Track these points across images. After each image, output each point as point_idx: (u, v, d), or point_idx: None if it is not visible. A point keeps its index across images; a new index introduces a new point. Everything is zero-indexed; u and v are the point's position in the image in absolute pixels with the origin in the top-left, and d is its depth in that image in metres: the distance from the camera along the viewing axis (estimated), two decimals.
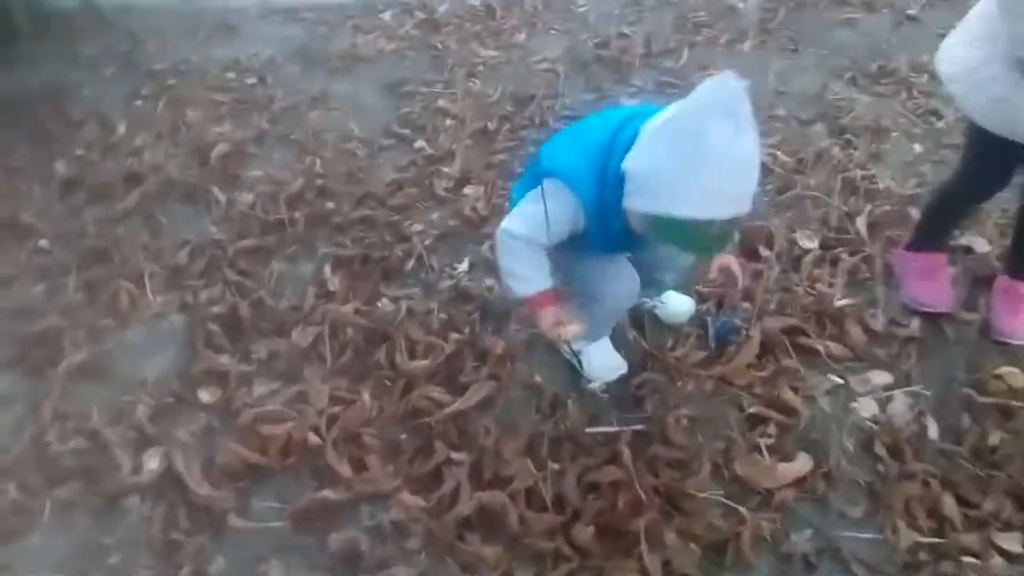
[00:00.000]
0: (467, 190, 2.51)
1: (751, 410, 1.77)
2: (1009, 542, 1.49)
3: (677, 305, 2.00)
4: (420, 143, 2.76)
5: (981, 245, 2.16)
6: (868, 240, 2.22)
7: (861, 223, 2.27)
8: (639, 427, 1.75)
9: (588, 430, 1.76)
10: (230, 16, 3.83)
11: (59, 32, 3.58)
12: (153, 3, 3.98)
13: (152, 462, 1.72)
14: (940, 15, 3.40)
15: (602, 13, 3.69)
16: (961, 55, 1.72)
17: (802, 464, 1.64)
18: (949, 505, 1.56)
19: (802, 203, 2.39)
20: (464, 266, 2.24)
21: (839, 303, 2.00)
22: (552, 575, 1.49)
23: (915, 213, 2.26)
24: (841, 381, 1.83)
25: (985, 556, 1.47)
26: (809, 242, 2.24)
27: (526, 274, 1.54)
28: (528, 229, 1.49)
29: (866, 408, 1.77)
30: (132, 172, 2.60)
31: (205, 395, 1.87)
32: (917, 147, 2.65)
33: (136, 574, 1.53)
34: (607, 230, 1.46)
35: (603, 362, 1.87)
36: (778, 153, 2.61)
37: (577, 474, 1.65)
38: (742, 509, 1.56)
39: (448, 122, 2.87)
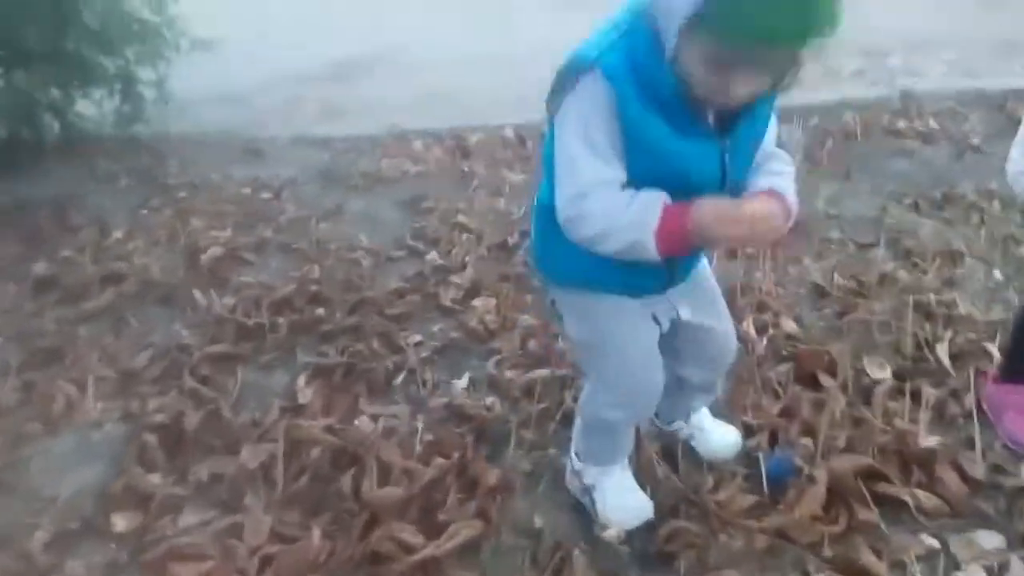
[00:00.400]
0: (476, 302, 2.21)
1: None
2: None
3: (721, 437, 1.61)
4: (432, 255, 2.51)
5: None
6: (952, 371, 1.82)
7: (942, 351, 1.88)
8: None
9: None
10: (260, 143, 3.79)
11: (86, 148, 3.57)
12: (187, 130, 4.00)
13: None
14: (1005, 144, 3.13)
15: None
16: None
17: None
18: None
19: (867, 328, 2.02)
20: (463, 382, 1.89)
21: (926, 443, 1.57)
22: None
23: (998, 338, 1.88)
24: (938, 544, 1.38)
25: None
26: (880, 371, 1.84)
27: (631, 213, 1.07)
28: (586, 172, 1.08)
29: None
30: (112, 273, 2.39)
31: (120, 521, 1.50)
32: (997, 273, 2.29)
33: None
34: (656, 102, 1.04)
35: (622, 502, 1.46)
36: (835, 275, 2.28)
37: None
38: None
39: (465, 236, 2.63)
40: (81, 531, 1.49)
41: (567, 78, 1.07)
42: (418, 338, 2.05)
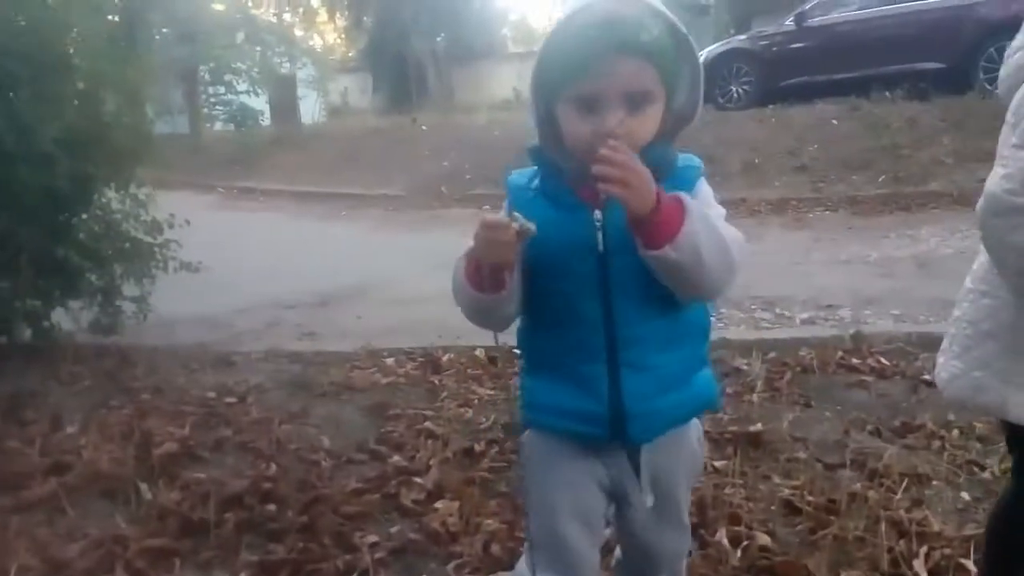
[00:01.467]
0: (439, 504, 2.12)
1: None
2: None
3: None
4: (396, 458, 2.45)
5: None
6: None
7: (919, 566, 1.82)
8: None
9: None
10: (233, 356, 3.82)
11: (54, 352, 3.55)
12: (161, 341, 4.04)
13: None
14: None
15: None
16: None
17: None
18: None
19: (843, 544, 1.96)
20: None
21: None
22: None
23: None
24: None
25: None
26: None
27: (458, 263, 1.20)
28: None
29: None
30: (58, 463, 2.28)
31: None
32: (965, 495, 2.28)
33: None
34: (542, 195, 1.18)
35: None
36: (805, 494, 2.25)
37: None
38: None
39: (430, 441, 2.59)
40: None
41: None
42: (374, 538, 1.94)
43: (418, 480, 2.23)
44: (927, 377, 3.34)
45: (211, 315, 4.69)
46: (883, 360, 3.59)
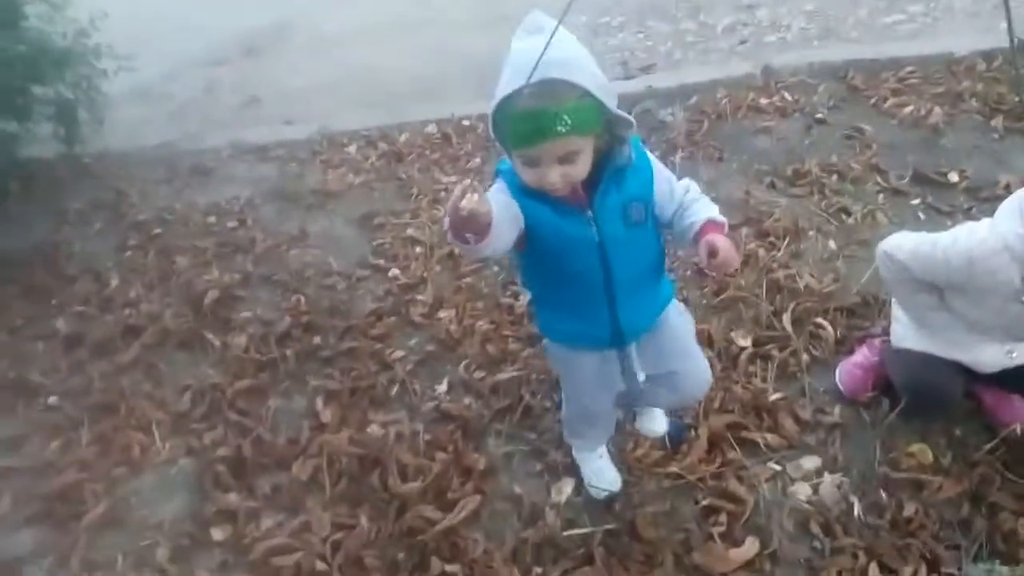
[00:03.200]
0: (441, 314, 2.79)
1: (704, 502, 2.02)
2: None
3: (649, 422, 2.16)
4: (394, 271, 3.05)
5: None
6: (794, 335, 2.53)
7: (787, 320, 2.59)
8: (610, 527, 2.00)
9: (565, 533, 2.00)
10: (204, 158, 4.13)
11: (45, 188, 3.86)
12: (128, 148, 4.29)
13: None
14: (846, 115, 3.84)
15: None
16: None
17: (749, 547, 1.89)
18: (874, 573, 1.81)
19: (736, 305, 2.71)
20: (443, 387, 2.49)
21: (772, 397, 2.29)
22: None
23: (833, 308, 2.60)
24: (779, 468, 2.10)
25: None
26: (744, 340, 2.54)
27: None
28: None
29: (801, 491, 2.04)
30: (130, 325, 2.84)
31: (218, 533, 2.08)
32: (832, 244, 3.00)
33: None
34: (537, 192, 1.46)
35: (595, 477, 2.07)
36: None
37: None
38: None
39: (418, 249, 3.17)
40: (191, 545, 2.05)
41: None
42: (401, 353, 2.63)
43: (420, 297, 2.86)
44: (820, 115, 3.90)
45: (143, 87, 4.88)
46: (787, 96, 4.09)
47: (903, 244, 1.99)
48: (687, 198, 1.59)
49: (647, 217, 1.54)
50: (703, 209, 1.57)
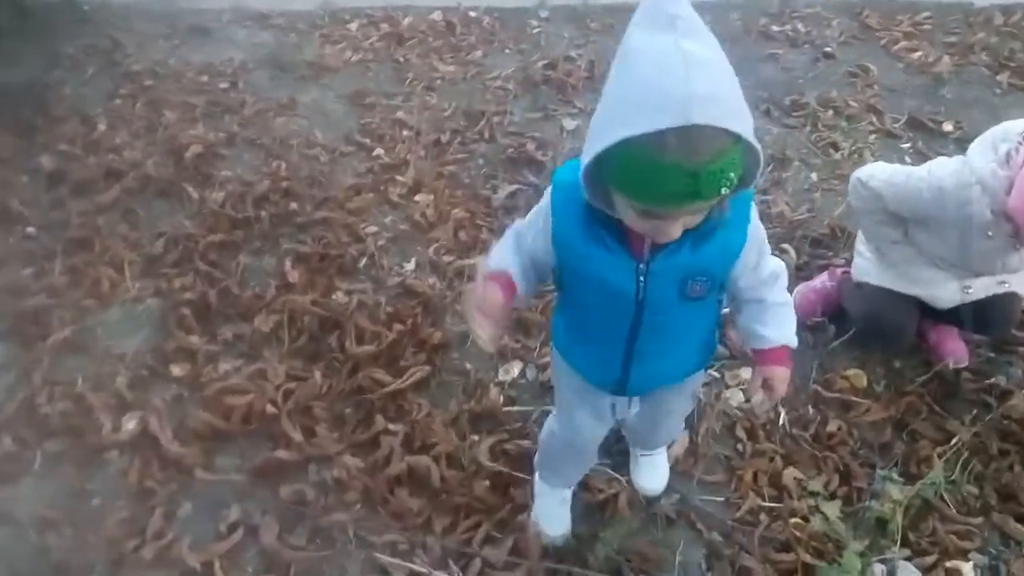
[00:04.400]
0: (418, 197, 2.82)
1: None
2: (830, 509, 1.86)
3: (647, 479, 1.91)
4: (378, 151, 3.06)
5: None
6: None
7: None
8: (549, 408, 2.09)
9: (505, 409, 2.10)
10: (205, 18, 4.06)
11: (40, 29, 3.79)
12: (130, 1, 4.21)
13: (130, 423, 2.01)
14: (854, 52, 3.79)
15: (553, 35, 4.02)
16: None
17: (679, 444, 1.99)
18: (788, 477, 1.92)
19: None
20: (411, 266, 2.55)
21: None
22: (464, 523, 1.82)
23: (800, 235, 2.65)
24: (717, 375, 2.19)
25: (810, 519, 1.84)
26: None
27: (495, 250, 1.35)
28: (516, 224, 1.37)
29: (734, 398, 2.13)
30: (112, 168, 2.86)
31: (176, 369, 2.17)
32: (814, 176, 3.03)
33: (115, 515, 1.82)
34: (573, 222, 1.21)
35: (548, 520, 1.80)
36: None
37: (489, 444, 1.98)
38: (622, 479, 1.92)
39: (405, 132, 3.18)
40: (150, 376, 2.14)
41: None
42: (374, 229, 2.67)
43: (400, 178, 2.89)
44: (829, 49, 3.85)
45: None
46: (799, 26, 4.03)
47: (877, 173, 2.02)
48: (770, 291, 1.33)
49: (709, 292, 1.25)
50: (783, 322, 1.36)
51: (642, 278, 1.20)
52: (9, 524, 1.81)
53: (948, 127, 3.21)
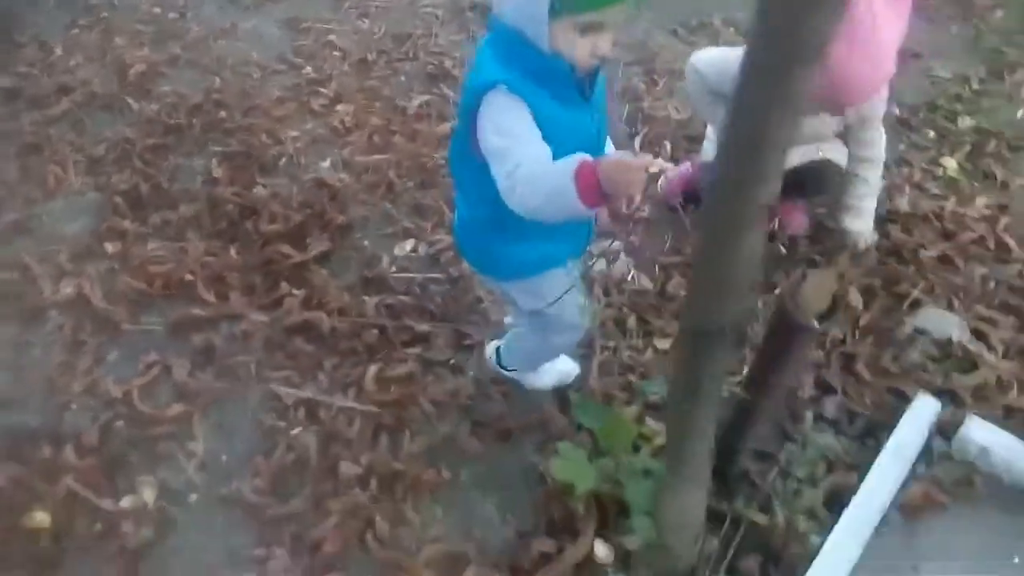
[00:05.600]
0: (339, 107, 3.11)
1: None
2: (663, 343, 2.17)
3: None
4: (307, 69, 3.35)
5: None
6: (637, 151, 2.86)
7: (636, 142, 2.92)
8: (435, 275, 2.41)
9: (395, 275, 2.41)
10: None
11: None
12: None
13: (67, 288, 2.34)
14: None
15: None
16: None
17: None
18: (631, 323, 2.23)
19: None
20: (326, 164, 2.85)
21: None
22: (350, 360, 2.14)
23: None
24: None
25: (644, 352, 2.15)
26: None
27: (554, 168, 1.24)
28: (514, 152, 1.29)
29: (599, 265, 2.43)
30: (64, 85, 3.16)
31: (110, 247, 2.48)
32: None
33: (51, 360, 2.15)
34: (548, 90, 1.32)
35: (553, 369, 2.01)
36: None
37: (376, 302, 2.30)
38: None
39: (335, 53, 3.45)
40: (86, 252, 2.46)
41: (473, 101, 1.33)
42: (295, 133, 2.97)
43: (323, 91, 3.17)
44: None
45: None
46: None
47: (703, 56, 2.28)
48: None
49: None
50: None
51: (595, 115, 1.41)
52: None
53: None
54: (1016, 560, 1.64)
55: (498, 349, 2.06)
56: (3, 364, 2.15)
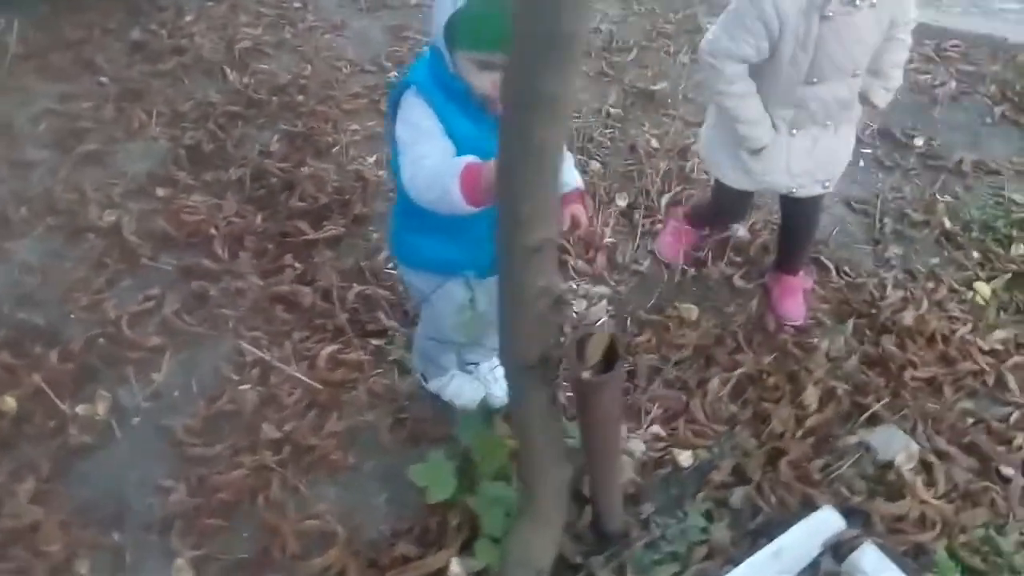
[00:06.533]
0: None
1: None
2: None
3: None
4: (392, 74, 3.58)
5: (742, 232, 2.76)
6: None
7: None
8: None
9: (386, 270, 2.54)
10: None
11: None
12: None
13: (110, 217, 2.64)
14: None
15: None
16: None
17: None
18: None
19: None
20: (372, 159, 3.05)
21: (606, 240, 2.68)
22: (315, 337, 2.29)
23: None
24: (575, 286, 2.53)
25: None
26: (621, 201, 2.91)
27: (447, 165, 1.37)
28: (419, 146, 1.41)
29: (578, 307, 2.47)
30: (178, 47, 3.56)
31: (160, 191, 2.78)
32: (684, 58, 3.45)
33: (75, 275, 2.44)
34: (456, 102, 1.42)
35: (459, 391, 2.06)
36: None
37: (360, 290, 2.45)
38: None
39: None
40: (138, 191, 2.77)
41: (395, 100, 1.48)
42: (356, 127, 3.19)
43: None
44: None
45: None
46: None
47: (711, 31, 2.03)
48: None
49: None
50: (570, 170, 1.59)
51: None
52: (2, 263, 2.48)
53: (919, 142, 3.27)
54: None
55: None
56: (38, 268, 2.47)
